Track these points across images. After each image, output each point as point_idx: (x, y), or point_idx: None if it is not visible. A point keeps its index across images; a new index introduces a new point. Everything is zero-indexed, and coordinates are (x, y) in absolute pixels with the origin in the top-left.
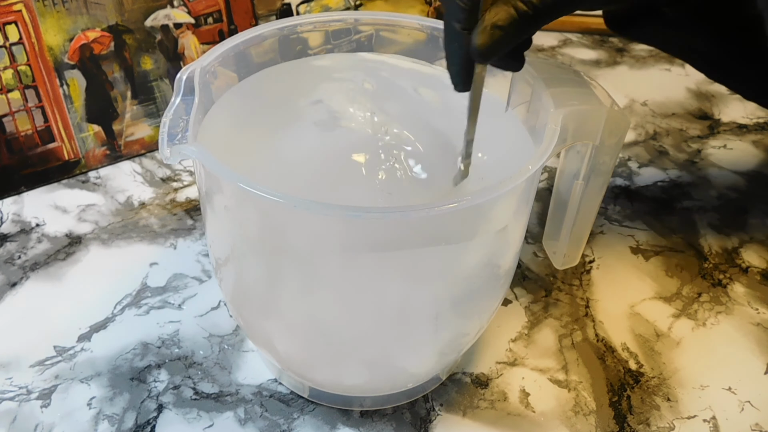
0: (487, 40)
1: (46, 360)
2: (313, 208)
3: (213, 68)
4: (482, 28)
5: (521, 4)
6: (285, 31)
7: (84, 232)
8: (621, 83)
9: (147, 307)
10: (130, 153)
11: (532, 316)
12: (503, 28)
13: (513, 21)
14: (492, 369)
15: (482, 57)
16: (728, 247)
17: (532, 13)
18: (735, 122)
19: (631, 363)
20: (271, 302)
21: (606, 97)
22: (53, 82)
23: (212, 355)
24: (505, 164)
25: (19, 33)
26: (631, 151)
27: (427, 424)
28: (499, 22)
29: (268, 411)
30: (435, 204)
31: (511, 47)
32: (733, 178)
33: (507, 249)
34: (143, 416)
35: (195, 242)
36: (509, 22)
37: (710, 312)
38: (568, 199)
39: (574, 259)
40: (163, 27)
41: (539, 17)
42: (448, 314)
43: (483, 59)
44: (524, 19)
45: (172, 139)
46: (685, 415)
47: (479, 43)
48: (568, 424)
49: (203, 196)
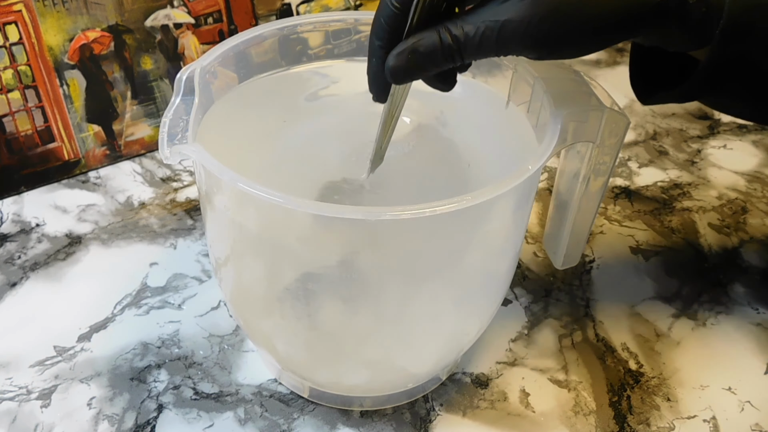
0: (401, 63)
1: (46, 360)
2: (313, 208)
3: (213, 68)
4: (399, 51)
5: (448, 36)
6: (285, 31)
7: (84, 232)
8: (621, 83)
9: (147, 307)
10: (130, 153)
11: (532, 316)
12: (421, 55)
13: (433, 50)
14: (492, 369)
15: (393, 78)
16: (728, 247)
17: (455, 47)
18: (735, 122)
19: (631, 363)
20: (271, 302)
21: (606, 97)
22: (53, 82)
23: (212, 355)
24: (507, 161)
25: (19, 33)
26: (631, 151)
27: (427, 424)
28: (419, 47)
29: (268, 411)
30: (435, 204)
31: (427, 74)
32: (733, 178)
33: (507, 249)
34: (143, 416)
35: (195, 242)
36: (429, 50)
37: (710, 312)
38: (568, 199)
39: (574, 259)
40: (163, 27)
41: (463, 52)
42: (448, 314)
43: (393, 80)
44: (446, 52)
45: (172, 139)
46: (685, 415)
47: (392, 65)
48: (568, 424)
49: (203, 196)
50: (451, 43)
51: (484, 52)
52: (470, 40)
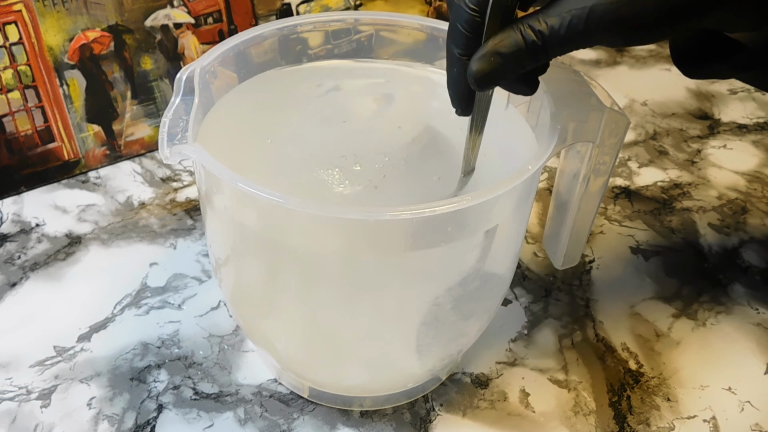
0: (484, 67)
1: (46, 360)
2: (313, 208)
3: (213, 68)
4: (481, 54)
5: (531, 33)
6: (285, 31)
7: (84, 232)
8: (621, 83)
9: (147, 307)
10: (130, 153)
11: (532, 316)
12: (504, 56)
13: (517, 50)
14: (492, 369)
15: (477, 85)
16: (728, 247)
17: (540, 43)
18: (735, 122)
19: (631, 363)
20: (271, 302)
21: (606, 97)
22: (53, 82)
23: (212, 355)
24: (507, 161)
25: (19, 33)
26: (631, 151)
27: (427, 424)
28: (501, 49)
29: (268, 411)
30: (435, 204)
31: (512, 77)
32: (733, 178)
33: (507, 249)
34: (143, 416)
35: (195, 242)
36: (512, 50)
37: (710, 312)
38: (568, 199)
39: (574, 259)
40: (163, 27)
41: (548, 50)
42: (448, 314)
43: (478, 87)
44: (531, 50)
45: (172, 139)
46: (685, 415)
47: (475, 70)
48: (568, 424)
49: (203, 196)
50: (535, 40)
51: (571, 45)
52: (555, 33)
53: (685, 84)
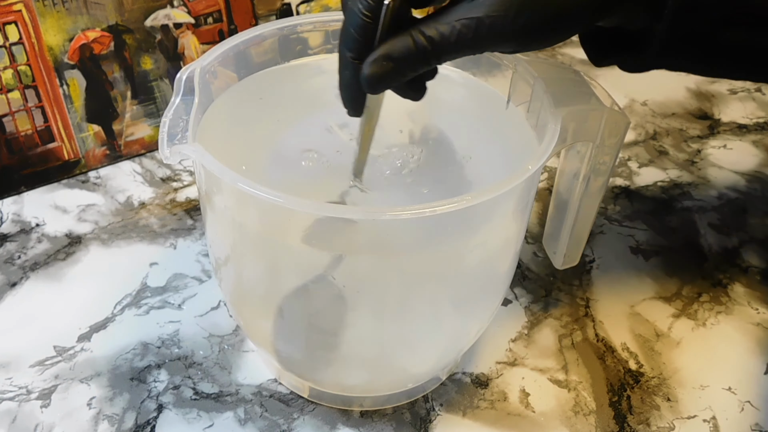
0: (377, 71)
1: (46, 360)
2: (313, 208)
3: (213, 68)
4: (374, 59)
5: (422, 38)
6: (285, 31)
7: (84, 232)
8: (621, 83)
9: (147, 307)
10: (130, 153)
11: (532, 316)
12: (396, 60)
13: (408, 54)
14: (492, 369)
15: (370, 88)
16: (728, 247)
17: (430, 48)
18: (735, 122)
19: (631, 363)
20: (271, 302)
21: (606, 97)
22: (53, 82)
23: (212, 355)
24: (507, 161)
25: (19, 33)
26: (631, 151)
27: (427, 424)
28: (393, 53)
29: (268, 411)
30: (435, 204)
31: (403, 80)
32: (733, 178)
33: (507, 249)
34: (143, 416)
35: (195, 242)
36: (404, 54)
37: (710, 312)
38: (568, 199)
39: (574, 259)
40: (163, 27)
41: (439, 55)
42: (448, 314)
43: (370, 90)
44: (422, 54)
45: (172, 139)
46: (685, 415)
47: (368, 74)
48: (568, 424)
49: (203, 196)
50: (426, 45)
51: (461, 51)
52: (446, 40)
53: (685, 84)
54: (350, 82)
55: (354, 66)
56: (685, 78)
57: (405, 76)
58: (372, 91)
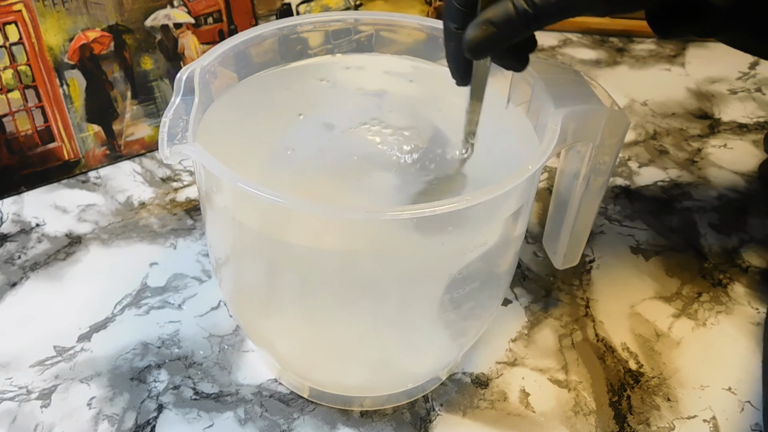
0: (477, 34)
1: (46, 360)
2: (313, 208)
3: (213, 68)
4: (476, 23)
5: (522, 1)
6: (285, 31)
7: (84, 232)
8: (621, 83)
9: (147, 307)
10: (130, 153)
11: (532, 316)
12: (497, 24)
13: (509, 18)
14: (492, 369)
15: (471, 52)
16: (728, 247)
17: (532, 12)
18: (735, 122)
19: (631, 363)
20: (271, 302)
21: (606, 97)
22: (53, 82)
23: (212, 355)
24: (507, 161)
25: (19, 33)
26: (631, 151)
27: (427, 424)
28: (494, 18)
29: (268, 411)
30: (435, 204)
31: (504, 45)
32: (733, 178)
33: (507, 249)
34: (143, 416)
35: (195, 242)
36: (504, 19)
37: (710, 312)
38: (568, 199)
39: (574, 259)
40: (163, 27)
41: (539, 18)
42: (448, 314)
43: (472, 55)
44: (522, 18)
45: (172, 139)
46: (685, 415)
47: (469, 38)
48: (568, 424)
49: (203, 196)
50: (527, 8)
51: (561, 13)
52: (546, 2)
53: (685, 84)
54: (455, 52)
55: (458, 36)
56: (685, 78)
57: (506, 41)
58: (474, 56)
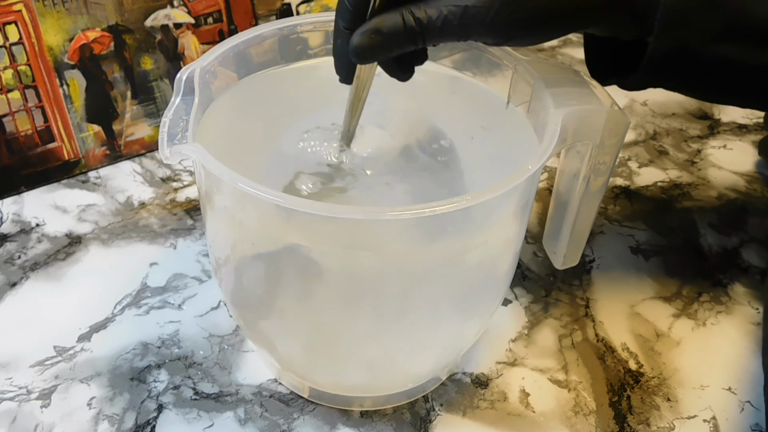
0: (364, 42)
1: (46, 360)
2: (313, 208)
3: (213, 68)
4: (363, 30)
5: (411, 18)
6: (285, 31)
7: (84, 232)
8: None
9: (147, 307)
10: (130, 153)
11: (532, 316)
12: (384, 35)
13: (396, 31)
14: (492, 369)
15: (357, 58)
16: (728, 247)
17: (418, 29)
18: (735, 122)
19: (631, 363)
20: (271, 302)
21: (606, 97)
22: (53, 82)
23: (212, 355)
24: (507, 161)
25: (19, 33)
26: (631, 151)
27: (427, 424)
28: (382, 28)
29: (268, 411)
30: (435, 204)
31: (390, 56)
32: (733, 179)
33: (507, 249)
34: (143, 416)
35: (195, 242)
36: (392, 31)
37: (710, 312)
38: (568, 199)
39: (574, 259)
40: (163, 27)
41: (424, 35)
42: (448, 314)
43: (357, 60)
44: (409, 33)
45: (172, 139)
46: (685, 415)
47: (356, 44)
48: (568, 424)
49: (203, 196)
50: (414, 26)
51: (446, 36)
52: (432, 24)
53: None
54: (341, 50)
55: (346, 35)
56: None
57: (391, 52)
58: (359, 60)
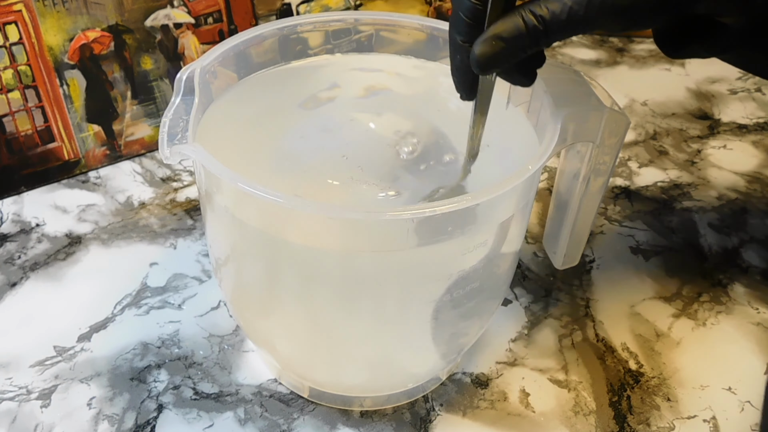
0: (487, 50)
1: (46, 360)
2: (313, 208)
3: (213, 68)
4: (484, 39)
5: (532, 17)
6: (285, 31)
7: (84, 232)
8: (621, 83)
9: (147, 307)
10: (130, 153)
11: (532, 316)
12: (506, 40)
13: (518, 34)
14: (492, 369)
15: (480, 68)
16: (728, 247)
17: (542, 28)
18: (735, 122)
19: (631, 363)
20: (271, 302)
21: (606, 97)
22: (53, 82)
23: (212, 355)
24: (507, 161)
25: (19, 33)
26: (631, 151)
27: (427, 424)
28: (503, 33)
29: (268, 411)
30: (435, 204)
31: (513, 61)
32: (733, 178)
33: (507, 249)
34: (143, 416)
35: (195, 242)
36: (514, 34)
37: (710, 312)
38: (568, 199)
39: (574, 259)
40: (163, 27)
41: (549, 34)
42: (448, 314)
43: (481, 70)
44: (532, 34)
45: (172, 139)
46: (685, 415)
47: (478, 53)
48: (568, 424)
49: (203, 196)
50: (536, 24)
51: (571, 30)
52: (557, 18)
53: (685, 84)
54: (461, 66)
55: (465, 49)
56: (685, 78)
57: (515, 56)
58: (482, 72)
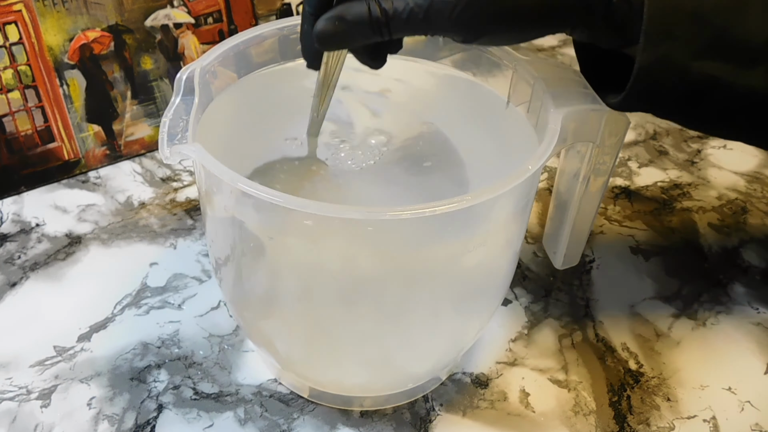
0: (328, 28)
1: (46, 360)
2: (313, 208)
3: (213, 68)
4: (327, 17)
5: (377, 8)
6: (285, 31)
7: (84, 232)
8: None
9: (147, 307)
10: (130, 153)
11: (532, 316)
12: (348, 23)
13: (361, 20)
14: (492, 369)
15: (320, 44)
16: (728, 247)
17: (383, 20)
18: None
19: (631, 363)
20: (271, 302)
21: None
22: (53, 82)
23: (212, 355)
24: (507, 161)
25: (19, 33)
26: (631, 151)
27: (427, 424)
28: (347, 15)
29: (268, 411)
30: (435, 204)
31: (354, 45)
32: (733, 178)
33: (507, 249)
34: (143, 416)
35: (195, 242)
36: (356, 20)
37: (710, 312)
38: (568, 199)
39: (574, 259)
40: (163, 27)
41: (391, 29)
42: (448, 314)
43: (320, 46)
44: (374, 23)
45: (172, 139)
46: (685, 415)
47: (319, 30)
48: (568, 424)
49: (203, 196)
50: (380, 16)
51: (411, 29)
52: (398, 16)
53: None
54: (307, 35)
55: (311, 21)
56: None
57: (355, 41)
58: (322, 47)
